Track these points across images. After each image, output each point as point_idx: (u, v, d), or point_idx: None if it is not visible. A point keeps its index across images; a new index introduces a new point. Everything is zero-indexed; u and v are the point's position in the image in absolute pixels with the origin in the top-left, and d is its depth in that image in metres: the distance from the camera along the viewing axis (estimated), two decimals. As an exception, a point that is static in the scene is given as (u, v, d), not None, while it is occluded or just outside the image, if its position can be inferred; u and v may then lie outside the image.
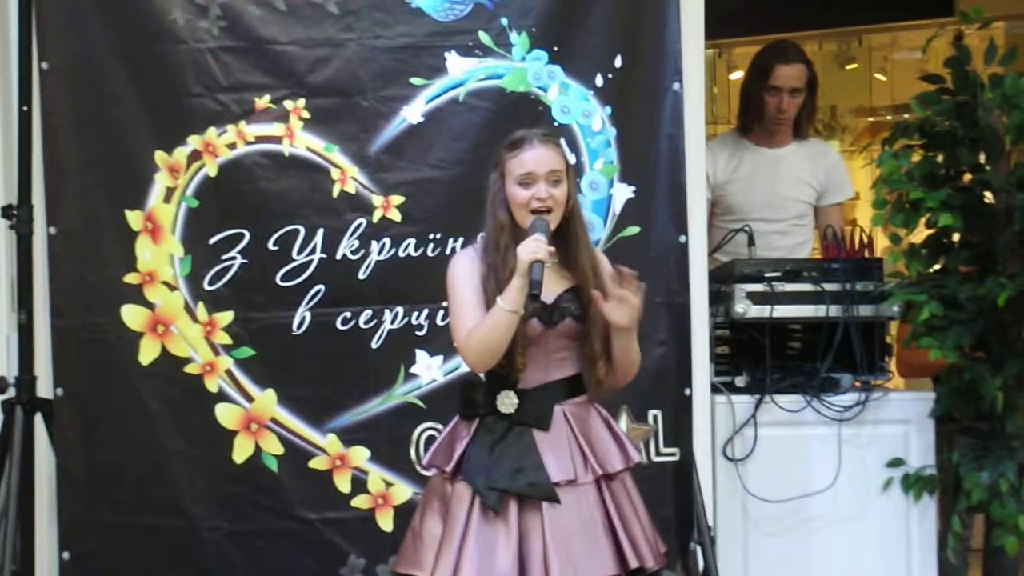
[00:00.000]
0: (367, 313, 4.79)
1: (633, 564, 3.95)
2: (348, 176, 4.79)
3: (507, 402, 3.98)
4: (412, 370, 4.81)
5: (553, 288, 3.95)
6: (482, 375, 4.02)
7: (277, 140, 4.80)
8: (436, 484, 4.07)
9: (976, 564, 5.26)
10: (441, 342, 4.80)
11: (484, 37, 4.82)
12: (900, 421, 5.08)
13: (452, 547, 3.91)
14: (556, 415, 3.99)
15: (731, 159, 5.71)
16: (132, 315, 4.80)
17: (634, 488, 4.09)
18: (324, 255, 4.78)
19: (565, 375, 4.02)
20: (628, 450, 4.06)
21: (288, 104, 4.80)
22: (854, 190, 6.24)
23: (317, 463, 4.81)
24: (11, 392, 4.74)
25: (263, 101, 4.81)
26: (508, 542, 3.89)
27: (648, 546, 4.00)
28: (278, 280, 4.79)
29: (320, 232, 4.78)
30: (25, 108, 4.76)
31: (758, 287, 5.03)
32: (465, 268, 4.01)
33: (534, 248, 3.83)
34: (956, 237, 5.01)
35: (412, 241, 4.78)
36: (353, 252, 4.79)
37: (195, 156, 4.80)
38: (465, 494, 3.96)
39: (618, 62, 4.86)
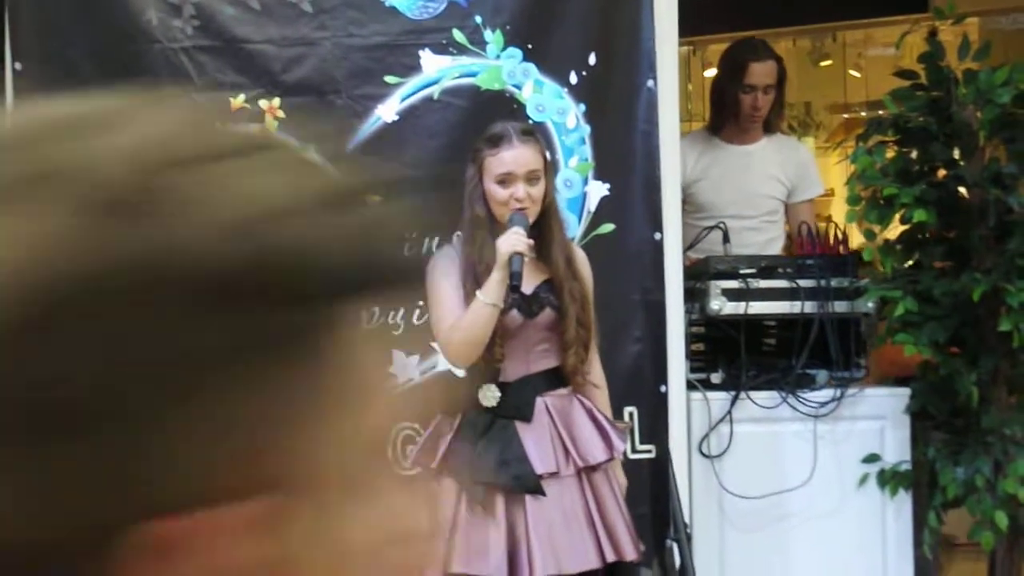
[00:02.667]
0: (343, 312, 4.78)
1: (610, 558, 3.96)
2: (323, 175, 4.78)
3: (489, 395, 4.00)
4: (389, 370, 4.79)
5: (531, 280, 3.96)
6: (462, 370, 4.03)
7: (252, 139, 4.79)
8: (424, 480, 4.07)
9: (957, 559, 5.26)
10: (417, 341, 4.79)
11: (458, 35, 4.82)
12: (876, 417, 5.09)
13: (440, 542, 3.91)
14: (538, 407, 4.01)
15: (701, 157, 5.71)
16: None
17: (617, 478, 4.11)
18: (299, 254, 4.76)
19: (546, 367, 4.04)
20: (612, 440, 4.08)
21: (263, 103, 4.80)
22: (825, 186, 6.26)
23: (294, 462, 4.79)
24: None
25: (238, 100, 4.80)
26: (497, 535, 3.91)
27: (629, 537, 4.02)
28: (254, 280, 4.77)
29: (295, 231, 4.77)
30: (-2, 108, 4.75)
31: (733, 284, 5.03)
32: (443, 265, 4.02)
33: (513, 241, 3.84)
34: (931, 233, 5.03)
35: (387, 240, 4.76)
36: (328, 251, 4.77)
37: (169, 156, 4.78)
38: (451, 490, 3.97)
39: (592, 60, 4.87)
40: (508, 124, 4.07)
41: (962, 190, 4.97)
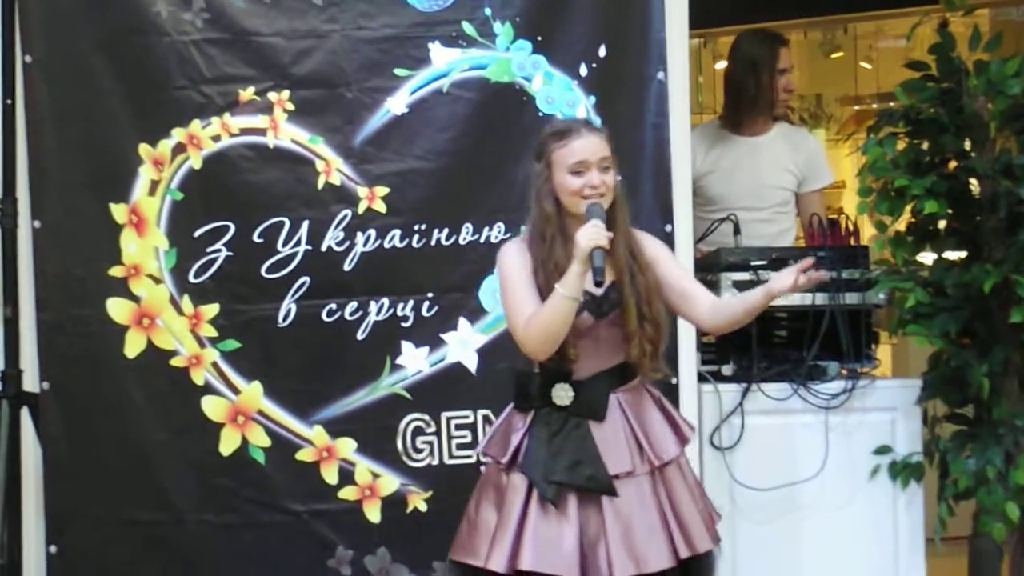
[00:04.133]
0: (352, 305, 4.79)
1: (684, 554, 3.97)
2: (333, 168, 4.79)
3: (562, 394, 4.01)
4: (398, 361, 4.81)
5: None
6: (535, 367, 4.04)
7: (261, 132, 4.80)
8: (491, 473, 4.11)
9: (956, 553, 5.25)
10: (427, 333, 4.80)
11: (468, 27, 4.81)
12: (887, 408, 5.08)
13: (507, 536, 3.94)
14: (611, 405, 4.02)
15: (711, 149, 5.71)
16: (117, 308, 4.80)
17: (687, 467, 4.13)
18: (309, 247, 4.78)
19: (616, 362, 4.05)
20: (682, 430, 4.12)
21: (272, 96, 4.80)
22: (836, 178, 6.25)
23: (304, 455, 4.81)
24: (-3, 386, 4.75)
25: (247, 93, 4.80)
26: (570, 535, 3.91)
27: (704, 527, 4.03)
28: (263, 272, 4.78)
29: (305, 224, 4.78)
30: (9, 102, 4.76)
31: (744, 276, 5.02)
32: (515, 258, 4.04)
33: (593, 234, 3.84)
34: (942, 224, 5.02)
35: (397, 232, 4.77)
36: (338, 244, 4.78)
37: (179, 149, 4.79)
38: (521, 485, 3.98)
39: (602, 52, 4.86)
40: (571, 119, 4.09)
41: (973, 181, 4.97)
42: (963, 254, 5.02)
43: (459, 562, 4.06)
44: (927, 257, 5.06)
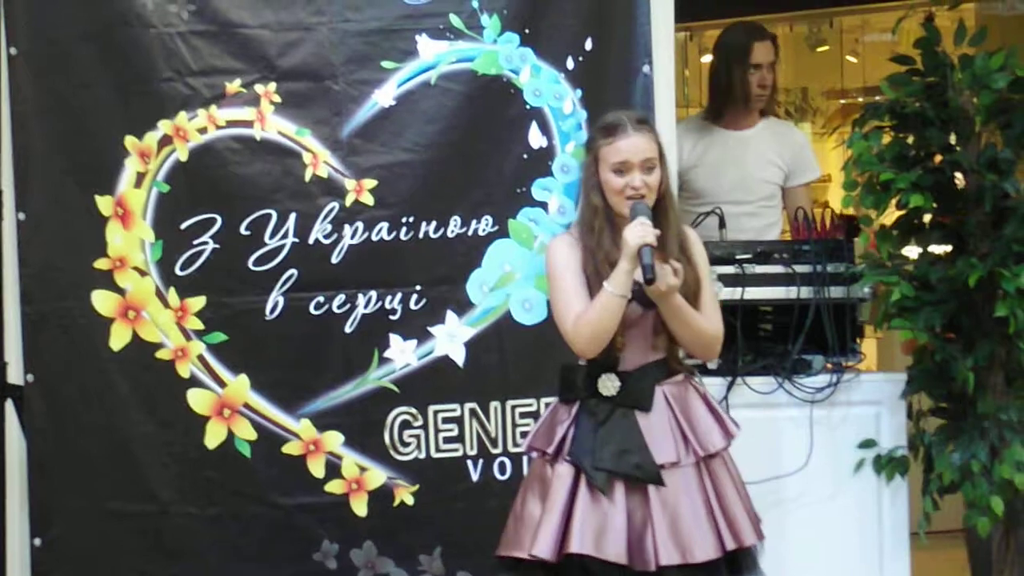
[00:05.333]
0: (340, 297, 4.79)
1: (730, 546, 4.00)
2: (320, 160, 4.79)
3: (609, 384, 4.03)
4: (386, 354, 4.81)
5: None
6: (580, 359, 4.06)
7: (248, 124, 4.79)
8: (537, 467, 4.12)
9: (945, 546, 5.26)
10: (415, 326, 4.80)
11: (455, 20, 4.81)
12: (872, 402, 5.08)
13: (552, 524, 3.95)
14: (656, 396, 4.04)
15: (697, 143, 5.72)
16: (103, 301, 4.79)
17: (732, 461, 4.15)
18: (297, 239, 4.77)
19: (662, 355, 4.07)
20: (727, 425, 4.14)
21: (259, 88, 4.80)
22: (821, 171, 6.25)
23: (290, 448, 4.80)
24: (-19, 379, 4.74)
25: (234, 85, 4.80)
26: (619, 521, 3.93)
27: (749, 521, 4.07)
28: (250, 265, 4.78)
29: (292, 216, 4.78)
30: (-7, 94, 4.76)
31: (729, 269, 5.03)
32: (564, 254, 4.06)
33: (641, 232, 3.86)
34: (927, 218, 5.02)
35: (385, 225, 4.77)
36: (326, 236, 4.78)
37: (166, 141, 4.78)
38: (567, 474, 4.00)
39: (589, 45, 4.87)
40: (623, 113, 4.09)
41: (958, 175, 4.97)
42: (948, 248, 5.02)
43: (505, 556, 4.06)
44: (912, 251, 5.07)
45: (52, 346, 4.81)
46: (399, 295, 4.80)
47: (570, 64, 4.86)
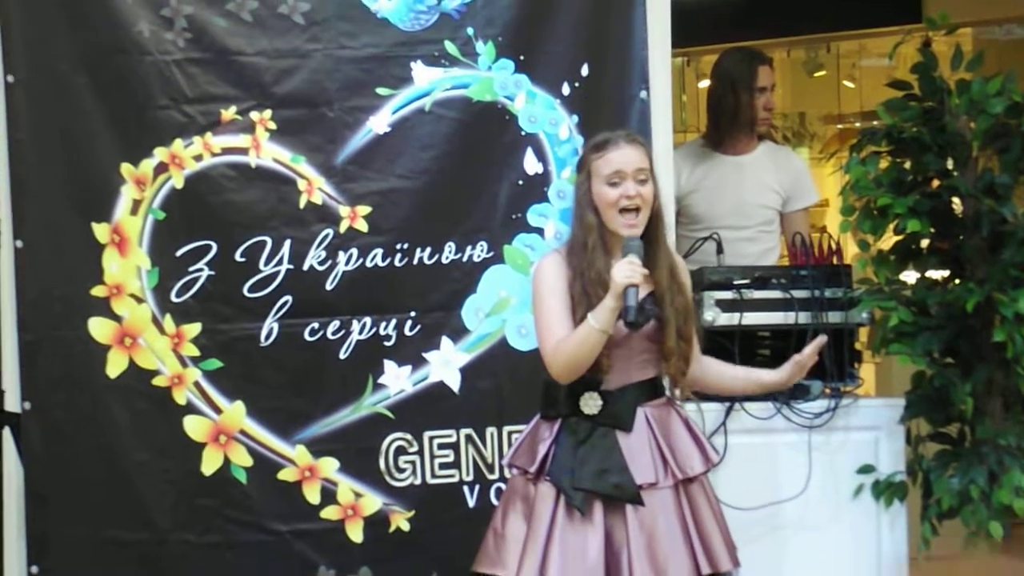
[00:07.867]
0: (335, 324, 4.78)
1: (705, 570, 4.00)
2: (315, 187, 4.79)
3: (591, 403, 4.03)
4: (380, 380, 4.80)
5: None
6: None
7: (243, 151, 4.80)
8: (518, 484, 4.11)
9: (939, 572, 5.24)
10: (410, 352, 4.80)
11: (450, 47, 4.82)
12: (870, 428, 5.07)
13: (537, 547, 3.95)
14: (638, 417, 4.04)
15: (695, 169, 5.72)
16: (99, 328, 4.79)
17: (711, 490, 4.15)
18: (291, 266, 4.77)
19: (646, 377, 4.09)
20: (707, 451, 4.14)
21: (254, 115, 4.80)
22: (819, 195, 6.25)
23: (286, 474, 4.79)
24: (-22, 407, 4.74)
25: (229, 112, 4.80)
26: (595, 542, 3.94)
27: (725, 548, 4.07)
28: (245, 291, 4.78)
29: (287, 243, 4.78)
30: (-10, 121, 4.76)
31: (727, 294, 5.02)
32: (552, 274, 4.06)
33: (628, 272, 3.86)
34: (924, 243, 5.02)
35: (379, 251, 4.77)
36: (320, 263, 4.78)
37: (161, 168, 4.79)
38: (549, 494, 4.00)
39: (585, 71, 4.87)
40: (614, 131, 4.10)
41: (956, 200, 4.97)
42: (946, 273, 5.01)
43: (483, 574, 4.06)
44: (910, 276, 5.06)
45: (49, 373, 4.81)
46: (394, 321, 4.80)
47: (566, 90, 4.87)
